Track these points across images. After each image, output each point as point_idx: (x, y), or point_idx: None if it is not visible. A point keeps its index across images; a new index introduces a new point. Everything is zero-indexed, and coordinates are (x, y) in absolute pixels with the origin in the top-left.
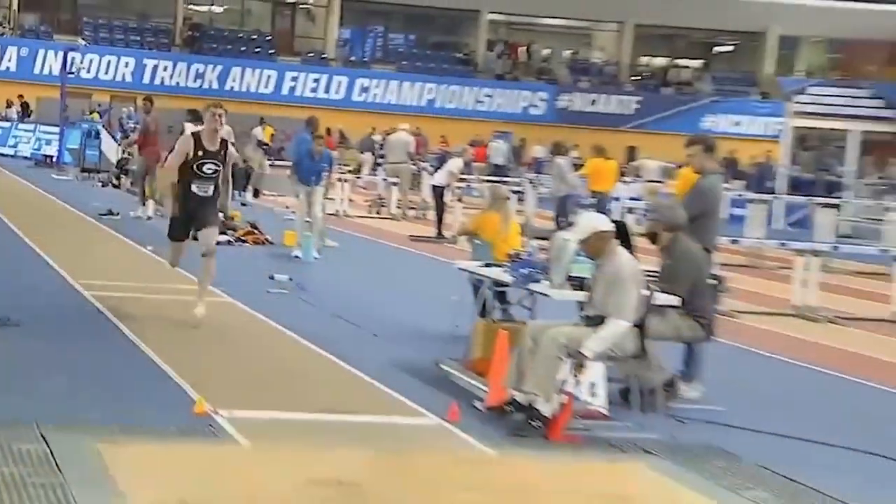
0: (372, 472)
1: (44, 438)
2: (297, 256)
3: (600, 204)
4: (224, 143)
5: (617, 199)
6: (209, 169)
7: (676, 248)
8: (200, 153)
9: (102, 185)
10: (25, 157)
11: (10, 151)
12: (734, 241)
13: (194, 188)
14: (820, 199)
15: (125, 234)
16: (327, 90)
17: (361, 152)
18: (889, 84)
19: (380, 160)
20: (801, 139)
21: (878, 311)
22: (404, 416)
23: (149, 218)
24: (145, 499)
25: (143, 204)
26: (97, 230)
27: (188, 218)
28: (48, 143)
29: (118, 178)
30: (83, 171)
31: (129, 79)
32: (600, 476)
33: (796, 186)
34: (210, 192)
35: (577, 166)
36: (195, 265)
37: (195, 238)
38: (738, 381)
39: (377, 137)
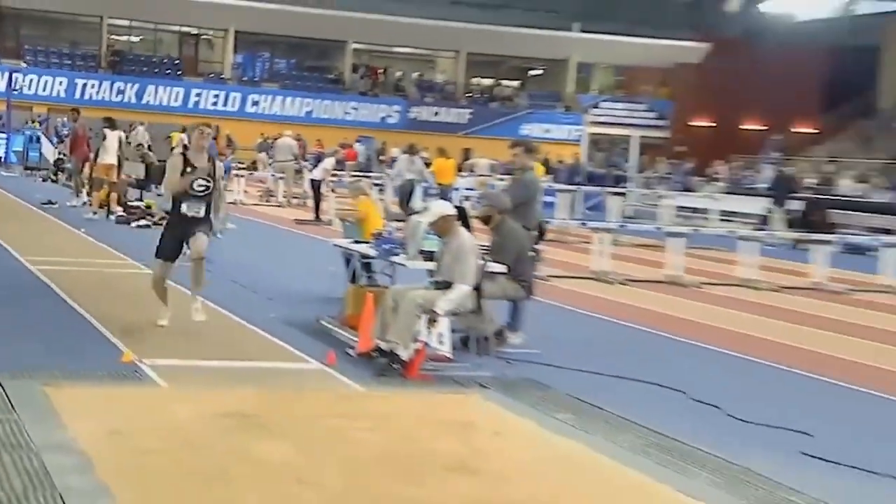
0: (267, 406)
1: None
2: None
3: (443, 193)
4: (212, 159)
5: (457, 189)
6: (200, 186)
7: (503, 228)
8: (189, 170)
9: (43, 181)
10: None
11: None
12: (546, 222)
13: (184, 209)
14: (610, 189)
15: (63, 220)
16: (225, 104)
17: (259, 153)
18: (660, 100)
19: (269, 160)
20: (595, 143)
21: (655, 275)
22: (292, 362)
23: (83, 204)
24: (84, 430)
25: (77, 195)
26: (40, 217)
27: (179, 238)
28: None
29: (55, 174)
30: (26, 169)
31: (63, 95)
32: (446, 406)
33: (591, 179)
34: (202, 213)
35: (427, 164)
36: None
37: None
38: (552, 330)
39: (269, 141)
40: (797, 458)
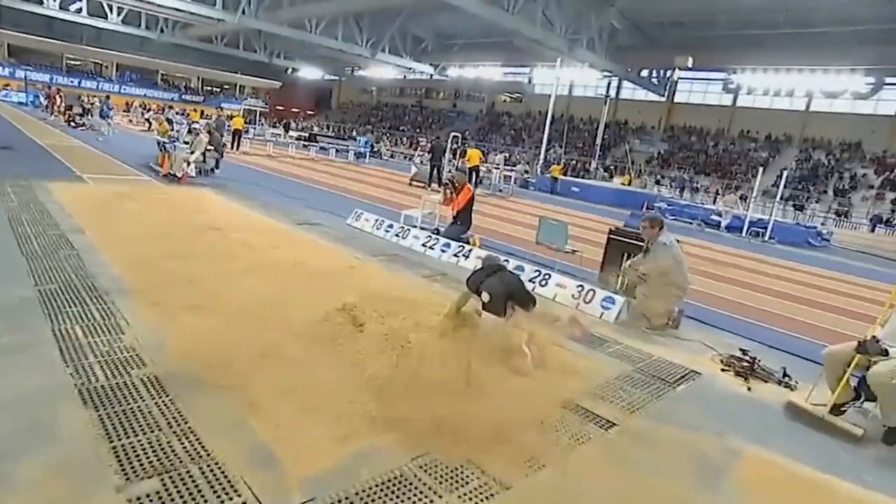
0: (131, 190)
1: (25, 182)
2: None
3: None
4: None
5: None
6: None
7: None
8: None
9: None
10: None
11: None
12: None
13: None
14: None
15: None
16: None
17: None
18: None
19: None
20: None
21: (285, 154)
22: (139, 176)
23: None
24: (62, 197)
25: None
26: None
27: None
28: None
29: None
30: None
31: None
32: (194, 194)
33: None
34: None
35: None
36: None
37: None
38: (239, 173)
39: None
40: None
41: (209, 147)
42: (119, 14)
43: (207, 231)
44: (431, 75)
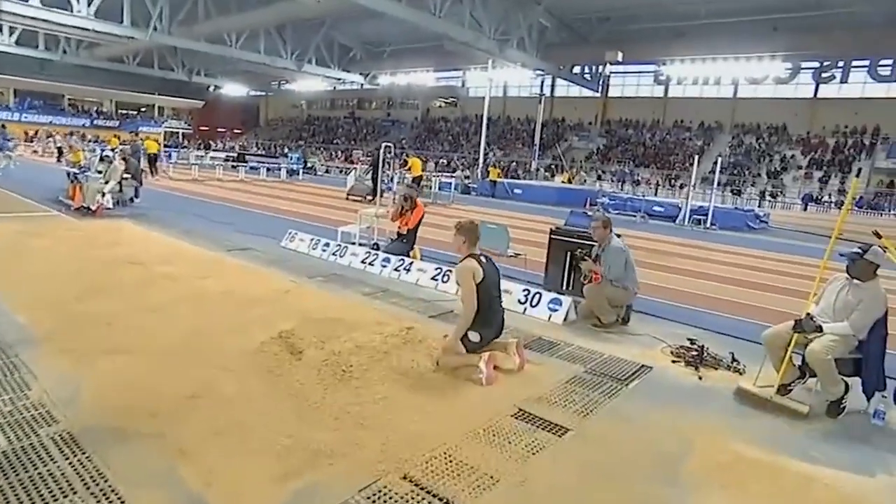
0: (38, 227)
1: None
2: None
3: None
4: None
5: None
6: None
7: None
8: None
9: None
10: None
11: None
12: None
13: None
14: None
15: None
16: None
17: None
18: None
19: None
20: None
21: (202, 176)
22: (47, 212)
23: None
24: None
25: None
26: None
27: None
28: None
29: None
30: None
31: None
32: (111, 226)
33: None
34: None
35: None
36: None
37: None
38: (160, 201)
39: None
40: None
41: (126, 175)
42: (12, 34)
43: (126, 266)
44: (362, 85)
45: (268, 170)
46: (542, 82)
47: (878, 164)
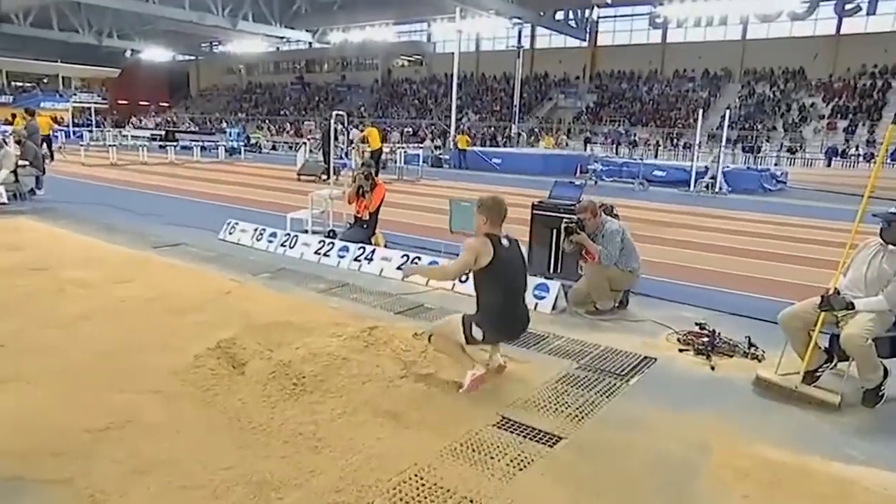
0: None
1: None
2: None
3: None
4: None
5: None
6: None
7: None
8: None
9: None
10: None
11: None
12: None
13: None
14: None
15: None
16: None
17: None
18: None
19: None
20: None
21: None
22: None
23: None
24: None
25: None
26: None
27: None
28: None
29: None
30: None
31: None
32: (8, 222)
33: None
34: None
35: None
36: None
37: None
38: (64, 190)
39: None
40: None
41: (22, 162)
42: None
43: (26, 273)
44: (310, 44)
45: (202, 149)
46: (520, 32)
47: None
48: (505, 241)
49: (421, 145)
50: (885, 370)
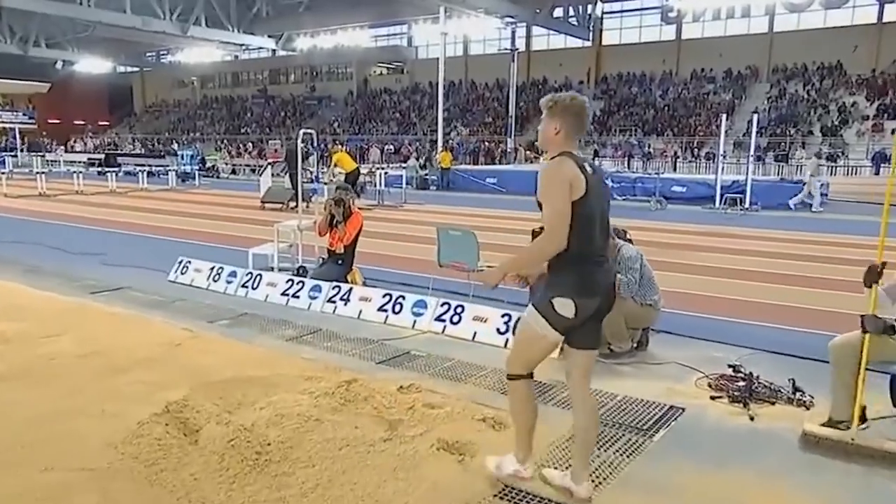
0: None
1: None
2: None
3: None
4: None
5: None
6: None
7: None
8: None
9: None
10: None
11: None
12: None
13: None
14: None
15: None
16: None
17: None
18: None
19: None
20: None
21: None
22: None
23: None
24: None
25: None
26: None
27: None
28: None
29: None
30: None
31: None
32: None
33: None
34: None
35: None
36: None
37: None
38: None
39: None
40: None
41: None
42: None
43: None
44: (274, 51)
45: (150, 174)
46: (514, 33)
47: None
48: (587, 166)
49: (404, 165)
50: None
